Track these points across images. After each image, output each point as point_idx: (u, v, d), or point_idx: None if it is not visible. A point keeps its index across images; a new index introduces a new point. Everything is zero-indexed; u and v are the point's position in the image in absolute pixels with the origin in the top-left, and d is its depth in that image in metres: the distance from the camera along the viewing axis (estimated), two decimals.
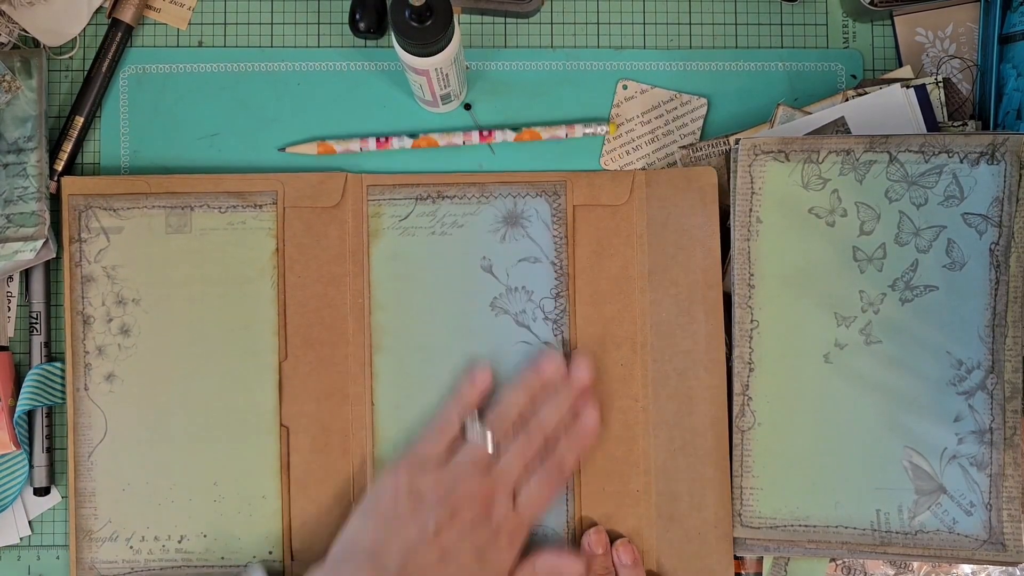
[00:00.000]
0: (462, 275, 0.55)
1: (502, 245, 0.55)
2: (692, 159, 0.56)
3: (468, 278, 0.55)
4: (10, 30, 0.58)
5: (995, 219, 0.53)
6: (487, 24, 0.59)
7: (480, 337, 0.55)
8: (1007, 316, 0.52)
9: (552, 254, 0.55)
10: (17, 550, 0.58)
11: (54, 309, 0.58)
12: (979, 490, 0.53)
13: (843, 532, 0.53)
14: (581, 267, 0.55)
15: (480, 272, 0.55)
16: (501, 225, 0.56)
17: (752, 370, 0.54)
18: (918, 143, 0.53)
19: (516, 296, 0.55)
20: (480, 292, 0.55)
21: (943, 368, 0.53)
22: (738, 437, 0.54)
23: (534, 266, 0.55)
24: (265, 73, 0.59)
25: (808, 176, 0.54)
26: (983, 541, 0.52)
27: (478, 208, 0.55)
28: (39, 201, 0.56)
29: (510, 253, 0.55)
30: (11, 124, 0.57)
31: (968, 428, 0.53)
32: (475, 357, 0.55)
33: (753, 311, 0.54)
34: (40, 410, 0.57)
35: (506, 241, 0.55)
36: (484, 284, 0.55)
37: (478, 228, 0.56)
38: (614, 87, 0.59)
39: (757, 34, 0.59)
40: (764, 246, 0.54)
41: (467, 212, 0.56)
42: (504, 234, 0.55)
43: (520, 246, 0.55)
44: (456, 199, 0.56)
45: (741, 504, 0.54)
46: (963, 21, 0.59)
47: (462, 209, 0.56)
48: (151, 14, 0.59)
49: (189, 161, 0.58)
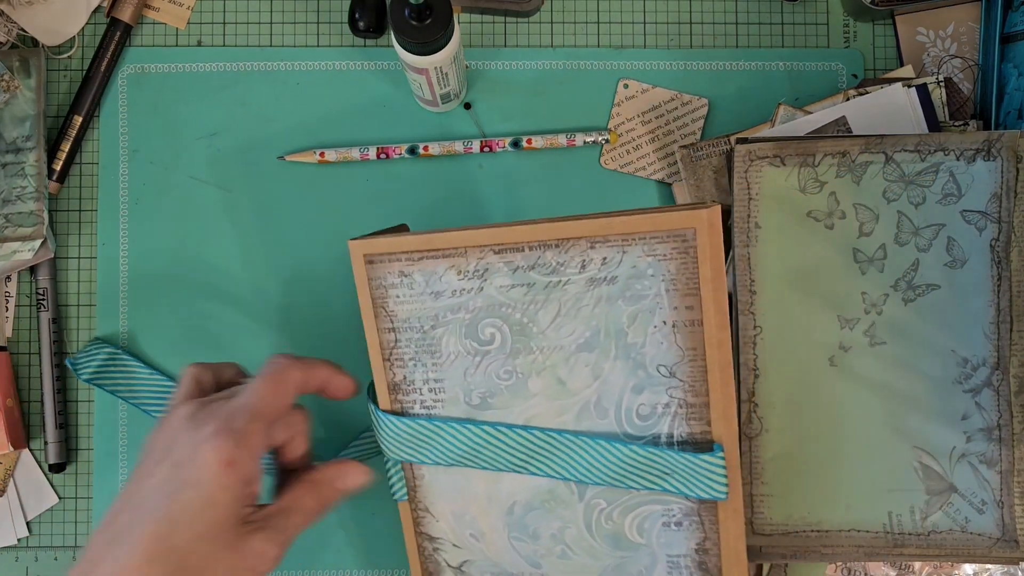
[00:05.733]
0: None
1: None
2: (692, 159, 0.56)
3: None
4: (9, 29, 0.57)
5: (994, 215, 0.53)
6: (487, 23, 0.59)
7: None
8: (1011, 311, 0.52)
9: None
10: (15, 551, 0.57)
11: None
12: (990, 488, 0.52)
13: (856, 536, 0.53)
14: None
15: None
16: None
17: (757, 376, 0.54)
18: (913, 142, 0.53)
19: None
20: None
21: (948, 366, 0.53)
22: (746, 444, 0.53)
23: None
24: (264, 72, 0.59)
25: (805, 179, 0.54)
26: (996, 539, 0.52)
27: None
28: (37, 201, 0.55)
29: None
30: (10, 124, 0.57)
31: (976, 426, 0.52)
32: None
33: (756, 317, 0.54)
34: (53, 385, 0.57)
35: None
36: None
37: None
38: (615, 87, 0.59)
39: (758, 33, 0.59)
40: (764, 251, 0.54)
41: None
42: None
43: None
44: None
45: (752, 512, 0.53)
46: (964, 20, 0.59)
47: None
48: (150, 13, 0.59)
49: (189, 161, 0.58)
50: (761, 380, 0.53)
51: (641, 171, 0.58)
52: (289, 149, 0.58)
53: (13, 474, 0.57)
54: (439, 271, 0.46)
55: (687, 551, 0.46)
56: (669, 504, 0.46)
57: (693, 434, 0.44)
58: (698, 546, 0.46)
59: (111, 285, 0.58)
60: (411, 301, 0.46)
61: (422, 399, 0.47)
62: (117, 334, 0.58)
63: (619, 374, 0.45)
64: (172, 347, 0.58)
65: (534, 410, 0.46)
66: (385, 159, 0.58)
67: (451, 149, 0.57)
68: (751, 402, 0.53)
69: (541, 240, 0.44)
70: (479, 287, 0.46)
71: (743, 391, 0.53)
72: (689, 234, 0.43)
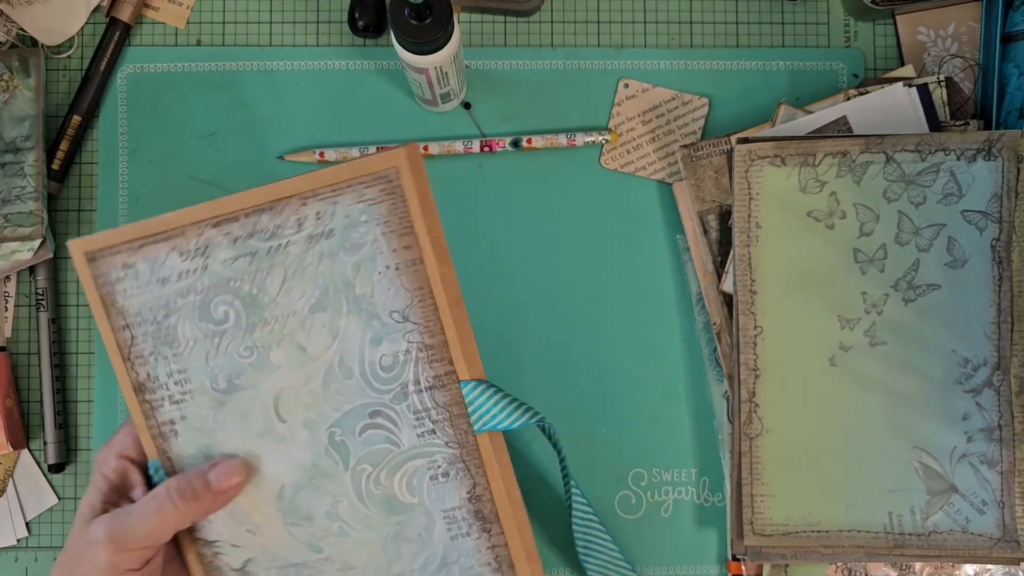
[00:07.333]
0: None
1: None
2: (693, 159, 0.56)
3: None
4: (8, 29, 0.57)
5: (995, 215, 0.53)
6: (487, 23, 0.59)
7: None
8: (1012, 311, 0.52)
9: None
10: (15, 551, 0.57)
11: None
12: (991, 488, 0.52)
13: (856, 536, 0.53)
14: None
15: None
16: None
17: (758, 376, 0.53)
18: (914, 142, 0.53)
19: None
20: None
21: (949, 367, 0.53)
22: (746, 444, 0.53)
23: None
24: (264, 72, 0.59)
25: (805, 179, 0.53)
26: (997, 539, 0.52)
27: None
28: (36, 201, 0.55)
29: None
30: (9, 123, 0.57)
31: (977, 426, 0.52)
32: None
33: (756, 317, 0.53)
34: (52, 385, 0.57)
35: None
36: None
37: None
38: (615, 86, 0.58)
39: (759, 33, 0.59)
40: (764, 251, 0.54)
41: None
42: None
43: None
44: None
45: (752, 512, 0.53)
46: (965, 20, 0.59)
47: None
48: (149, 13, 0.59)
49: (188, 161, 0.58)
50: (761, 380, 0.53)
51: (641, 171, 0.58)
52: (289, 149, 0.58)
53: (13, 474, 0.57)
54: (161, 256, 0.45)
55: (460, 502, 0.44)
56: (433, 455, 0.44)
57: (438, 376, 0.44)
58: (469, 494, 0.44)
59: None
60: (139, 293, 0.46)
61: (169, 394, 0.46)
62: None
63: (355, 328, 0.44)
64: None
65: (281, 382, 0.45)
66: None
67: (451, 149, 0.57)
68: (751, 402, 0.53)
69: (254, 205, 0.44)
70: (203, 265, 0.45)
71: (744, 391, 0.53)
72: (392, 173, 0.42)
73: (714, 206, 0.56)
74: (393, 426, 0.44)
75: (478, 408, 0.44)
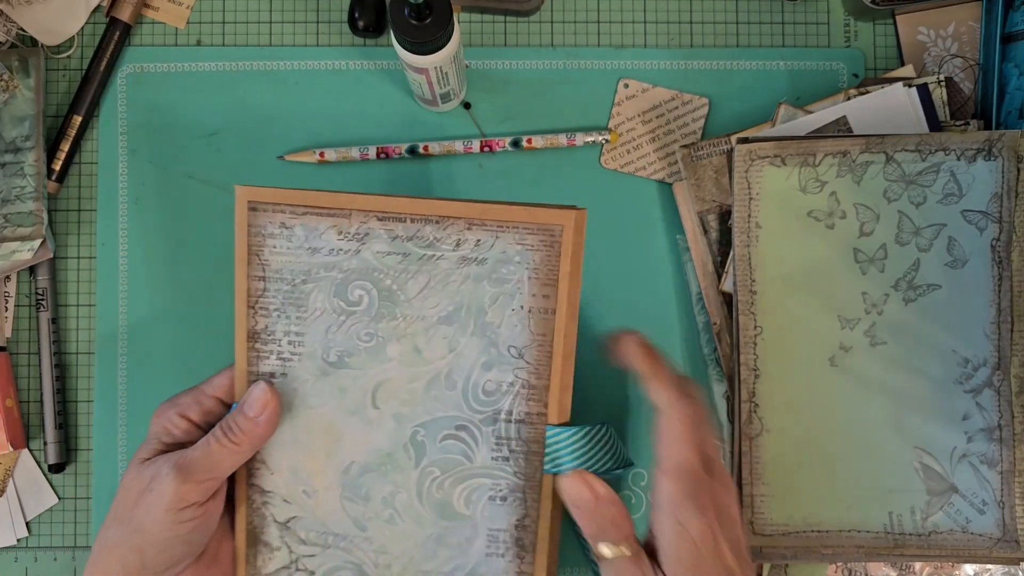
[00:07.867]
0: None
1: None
2: (693, 159, 0.56)
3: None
4: (8, 29, 0.57)
5: (995, 215, 0.53)
6: (487, 22, 0.59)
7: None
8: (1012, 311, 0.52)
9: None
10: (15, 551, 0.57)
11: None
12: (991, 488, 0.52)
13: (856, 536, 0.53)
14: None
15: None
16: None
17: (758, 377, 0.53)
18: (914, 142, 0.53)
19: None
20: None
21: (949, 367, 0.53)
22: (746, 444, 0.53)
23: None
24: (264, 72, 0.59)
25: (805, 179, 0.53)
26: (997, 539, 0.52)
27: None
28: (36, 201, 0.55)
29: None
30: (9, 123, 0.57)
31: (977, 426, 0.52)
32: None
33: (756, 317, 0.53)
34: (52, 385, 0.57)
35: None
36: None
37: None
38: (615, 86, 0.58)
39: (759, 33, 0.59)
40: (764, 251, 0.54)
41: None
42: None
43: None
44: None
45: (753, 512, 0.53)
46: (965, 20, 0.59)
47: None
48: (149, 13, 0.59)
49: (188, 161, 0.58)
50: (761, 380, 0.53)
51: (641, 171, 0.58)
52: (289, 149, 0.58)
53: (13, 474, 0.57)
54: (320, 228, 0.47)
55: (507, 526, 0.47)
56: (499, 479, 0.47)
57: (530, 414, 0.47)
58: (518, 522, 0.47)
59: (111, 285, 0.58)
60: (287, 253, 0.48)
61: (279, 350, 0.48)
62: (116, 334, 0.58)
63: (473, 350, 0.47)
64: (172, 347, 0.58)
65: (387, 374, 0.47)
66: (385, 159, 0.58)
67: (451, 149, 0.57)
68: (751, 402, 0.53)
69: (424, 215, 0.47)
70: (356, 249, 0.47)
71: (744, 391, 0.53)
72: (557, 230, 0.46)
73: (714, 206, 0.56)
74: (473, 443, 0.47)
75: (555, 453, 0.46)
